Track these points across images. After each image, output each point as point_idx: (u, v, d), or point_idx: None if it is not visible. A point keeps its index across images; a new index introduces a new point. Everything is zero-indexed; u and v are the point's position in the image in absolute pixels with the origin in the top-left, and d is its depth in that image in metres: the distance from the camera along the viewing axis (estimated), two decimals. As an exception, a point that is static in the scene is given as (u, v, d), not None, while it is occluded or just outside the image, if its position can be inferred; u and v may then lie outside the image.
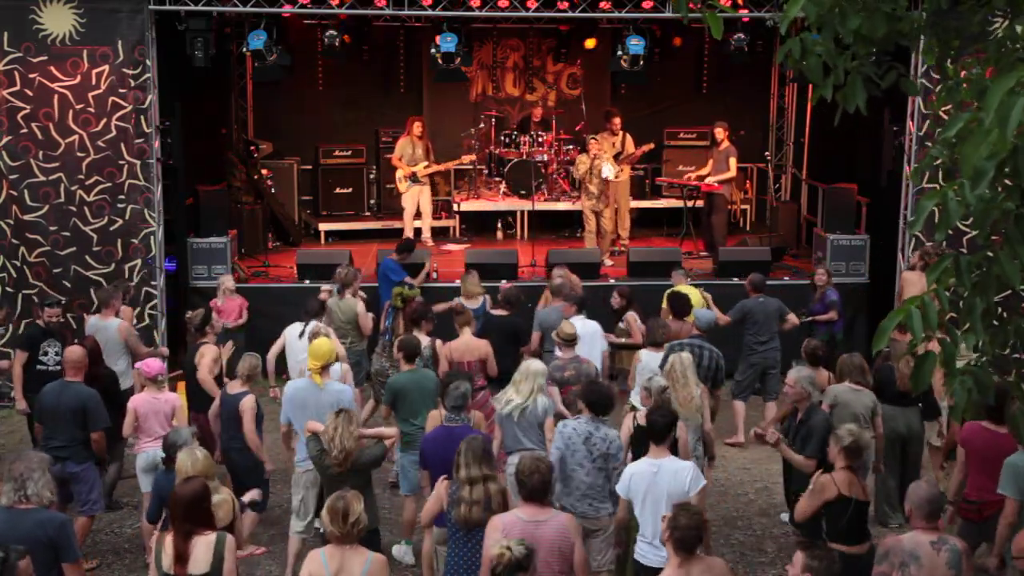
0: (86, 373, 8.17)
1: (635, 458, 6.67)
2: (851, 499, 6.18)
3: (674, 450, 6.61)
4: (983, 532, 7.05)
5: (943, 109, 10.68)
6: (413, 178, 14.53)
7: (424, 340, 8.96)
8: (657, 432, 6.32)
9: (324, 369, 7.67)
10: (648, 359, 8.90)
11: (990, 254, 3.65)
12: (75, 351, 8.10)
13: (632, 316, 10.45)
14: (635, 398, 9.10)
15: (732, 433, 10.74)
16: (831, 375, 8.55)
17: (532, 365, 7.71)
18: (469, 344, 9.13)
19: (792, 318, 10.79)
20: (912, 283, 10.74)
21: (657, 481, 6.16)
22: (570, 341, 8.66)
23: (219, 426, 8.24)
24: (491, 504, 5.87)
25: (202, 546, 5.30)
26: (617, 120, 15.05)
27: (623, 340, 10.41)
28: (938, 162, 4.85)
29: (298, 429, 7.70)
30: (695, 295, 10.71)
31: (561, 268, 11.26)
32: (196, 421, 8.64)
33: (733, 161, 14.31)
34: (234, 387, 8.08)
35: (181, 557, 5.27)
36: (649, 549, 6.24)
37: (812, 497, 6.27)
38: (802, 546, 5.17)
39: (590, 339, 9.23)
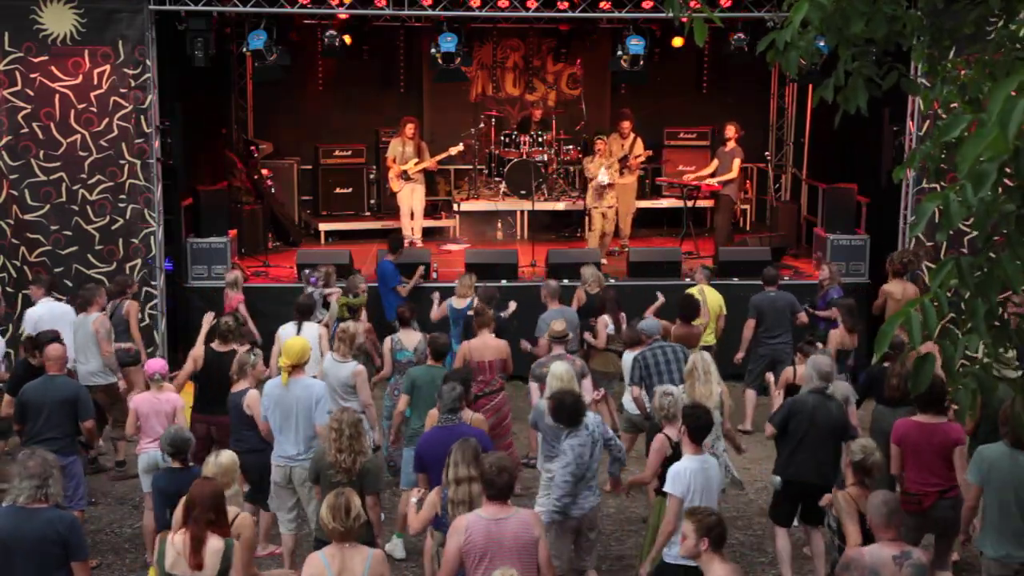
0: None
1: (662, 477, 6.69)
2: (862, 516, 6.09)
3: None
4: (925, 524, 7.22)
5: (932, 110, 10.75)
6: (404, 176, 14.53)
7: (416, 336, 9.24)
8: (701, 428, 6.33)
9: (296, 368, 7.61)
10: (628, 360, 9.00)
11: (992, 255, 3.66)
12: (56, 348, 8.12)
13: (603, 320, 10.42)
14: (626, 399, 9.14)
15: (740, 421, 10.90)
16: None
17: (564, 366, 7.79)
18: (488, 344, 9.16)
19: (802, 316, 10.90)
20: (891, 294, 10.68)
21: (709, 476, 6.26)
22: (560, 338, 8.76)
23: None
24: (474, 505, 5.90)
25: (211, 552, 5.27)
26: (627, 124, 15.07)
27: (593, 342, 10.43)
28: (923, 164, 4.87)
29: (272, 427, 7.68)
30: (716, 299, 10.80)
31: (589, 268, 11.22)
32: (207, 423, 8.60)
33: (737, 162, 14.34)
34: (237, 386, 8.00)
35: (198, 544, 5.23)
36: None
37: (851, 519, 6.16)
38: (688, 513, 5.28)
39: None
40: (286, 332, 9.62)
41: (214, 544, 5.28)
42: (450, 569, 5.43)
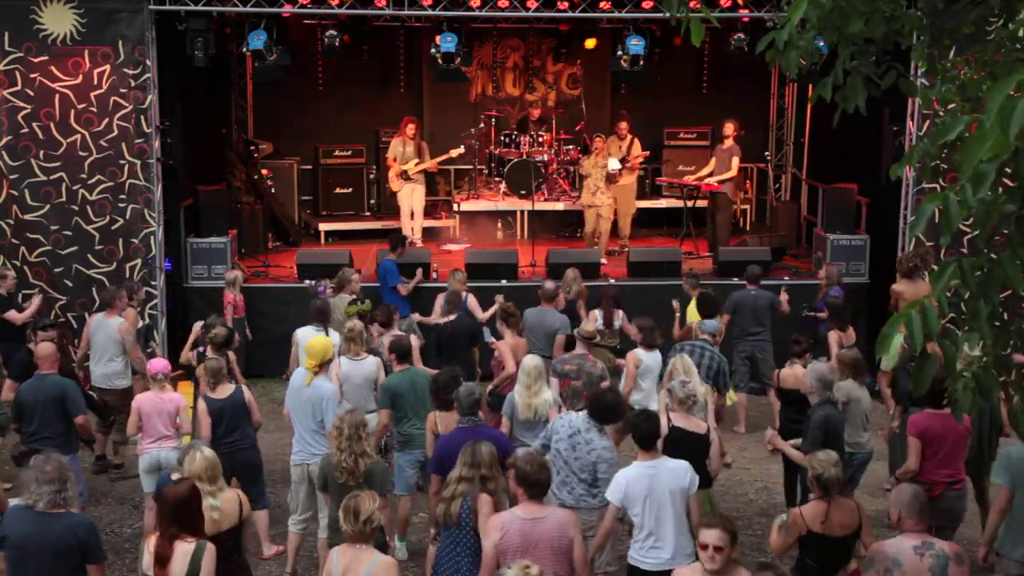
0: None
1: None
2: (822, 536, 5.89)
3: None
4: (933, 513, 7.18)
5: (931, 109, 10.77)
6: (404, 176, 14.54)
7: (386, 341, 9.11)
8: (645, 437, 6.26)
9: (321, 367, 7.67)
10: (648, 359, 8.99)
11: (993, 256, 3.66)
12: (46, 347, 8.17)
13: (592, 315, 10.45)
14: (635, 397, 9.15)
15: (734, 423, 10.98)
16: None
17: (534, 361, 7.80)
18: (519, 343, 9.33)
19: (783, 306, 11.03)
20: (901, 294, 10.70)
21: (657, 482, 6.12)
22: (589, 338, 8.77)
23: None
24: (452, 508, 5.91)
25: (179, 554, 5.22)
26: (624, 125, 15.10)
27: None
28: (921, 163, 4.88)
29: (293, 420, 7.76)
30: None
31: (573, 271, 11.24)
32: None
33: (736, 160, 14.35)
34: (220, 392, 7.90)
35: (161, 559, 5.19)
36: (646, 551, 6.17)
37: (786, 533, 6.01)
38: (711, 525, 5.11)
39: None
40: (304, 334, 9.55)
41: (183, 547, 5.23)
42: (489, 566, 5.44)
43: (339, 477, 6.46)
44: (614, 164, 14.33)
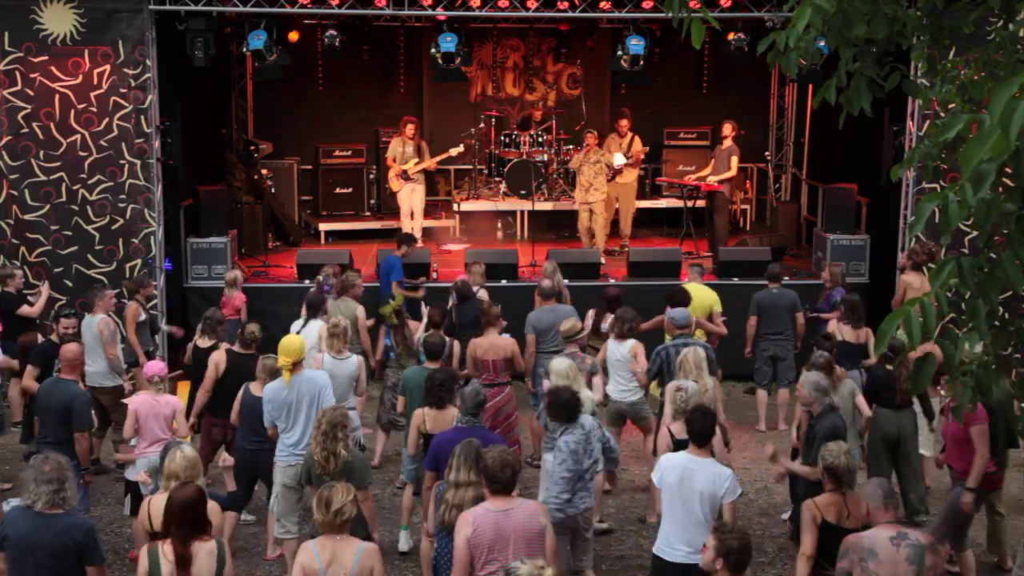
0: None
1: None
2: (838, 527, 5.89)
3: None
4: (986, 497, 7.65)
5: (931, 109, 10.77)
6: (404, 176, 14.53)
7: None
8: (699, 434, 6.24)
9: (296, 365, 7.59)
10: (612, 348, 9.00)
11: (993, 256, 3.66)
12: (71, 348, 8.09)
13: (589, 313, 10.43)
14: (611, 389, 9.13)
15: (755, 422, 11.06)
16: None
17: (564, 363, 7.78)
18: (494, 343, 9.20)
19: (800, 317, 10.95)
20: (910, 284, 10.72)
21: (694, 479, 6.10)
22: (571, 337, 8.73)
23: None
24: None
25: (204, 553, 5.21)
26: (624, 122, 15.09)
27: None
28: (922, 164, 4.88)
29: (279, 428, 7.69)
30: (708, 296, 10.71)
31: (551, 263, 11.24)
32: (225, 427, 8.61)
33: (735, 160, 14.35)
34: (258, 389, 7.94)
35: (183, 561, 5.16)
36: (671, 542, 6.17)
37: (807, 530, 6.00)
38: (713, 529, 5.18)
39: None
40: (297, 329, 9.58)
41: (206, 546, 5.22)
42: (462, 561, 5.42)
43: (315, 469, 6.51)
44: (619, 159, 14.37)
